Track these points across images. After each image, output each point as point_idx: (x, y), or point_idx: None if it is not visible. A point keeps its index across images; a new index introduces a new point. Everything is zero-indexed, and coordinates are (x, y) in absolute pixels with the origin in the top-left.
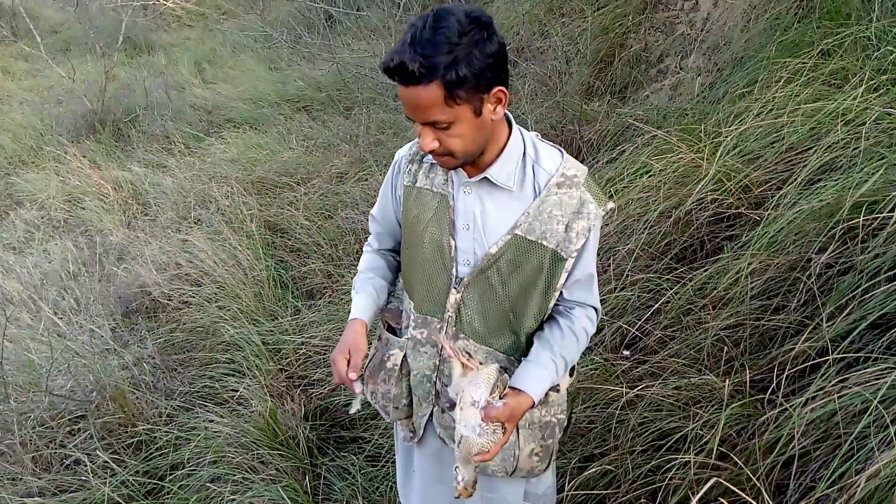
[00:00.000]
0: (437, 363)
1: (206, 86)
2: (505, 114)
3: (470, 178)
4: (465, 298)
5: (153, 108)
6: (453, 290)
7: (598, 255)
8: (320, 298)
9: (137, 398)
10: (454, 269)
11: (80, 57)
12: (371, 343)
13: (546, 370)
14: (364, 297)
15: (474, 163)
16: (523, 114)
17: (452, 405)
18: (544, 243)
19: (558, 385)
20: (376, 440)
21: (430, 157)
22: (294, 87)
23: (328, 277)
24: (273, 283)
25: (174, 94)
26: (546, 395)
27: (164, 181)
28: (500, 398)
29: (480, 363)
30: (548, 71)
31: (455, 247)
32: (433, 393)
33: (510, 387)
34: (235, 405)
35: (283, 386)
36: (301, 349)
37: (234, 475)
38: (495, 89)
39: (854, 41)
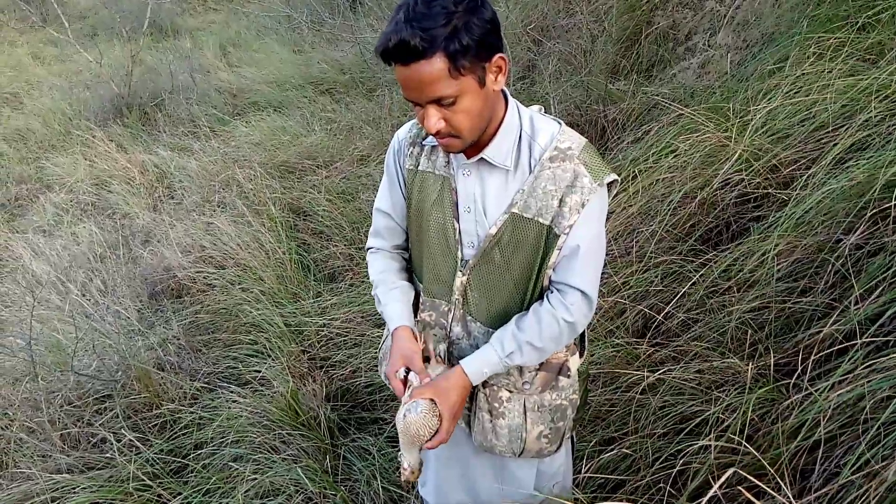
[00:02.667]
0: (448, 346)
1: (230, 69)
2: (502, 90)
3: (468, 159)
4: (472, 280)
5: (179, 92)
6: (459, 273)
7: (622, 236)
8: (342, 281)
9: (162, 378)
10: (459, 252)
11: (107, 42)
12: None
13: (490, 349)
14: (395, 305)
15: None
16: (546, 94)
17: None
18: (540, 220)
19: (569, 369)
20: None
21: (430, 139)
22: (317, 69)
23: (350, 260)
24: (295, 266)
25: (199, 78)
26: (556, 380)
27: (189, 164)
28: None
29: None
30: (572, 50)
31: (459, 229)
32: None
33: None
34: (258, 386)
35: (305, 367)
36: (323, 331)
37: (256, 455)
38: (496, 57)
39: (892, 15)
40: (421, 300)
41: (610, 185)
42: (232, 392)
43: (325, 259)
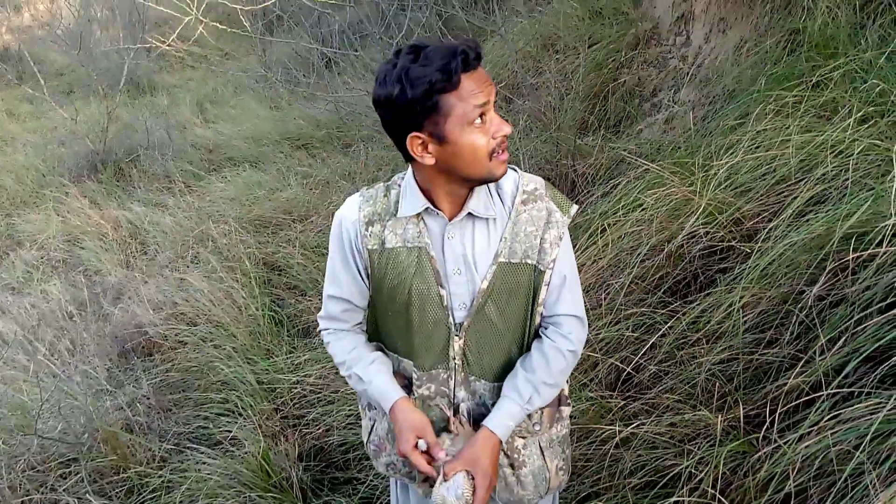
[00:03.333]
0: (454, 412)
1: (207, 125)
2: None
3: (451, 220)
4: (469, 341)
5: (154, 148)
6: (455, 338)
7: (592, 289)
8: (316, 336)
9: (130, 440)
10: (451, 318)
11: (83, 98)
12: (365, 415)
13: (509, 401)
14: (381, 378)
15: (453, 201)
16: (517, 149)
17: None
18: (528, 262)
19: (567, 396)
20: (370, 481)
21: (401, 211)
22: (294, 125)
23: None
24: (268, 321)
25: (176, 134)
26: (559, 411)
27: (163, 220)
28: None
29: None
30: (542, 107)
31: (447, 294)
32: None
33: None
34: (229, 446)
35: (278, 426)
36: (296, 388)
37: None
38: None
39: (843, 74)
40: (415, 377)
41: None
42: (202, 453)
43: (298, 314)
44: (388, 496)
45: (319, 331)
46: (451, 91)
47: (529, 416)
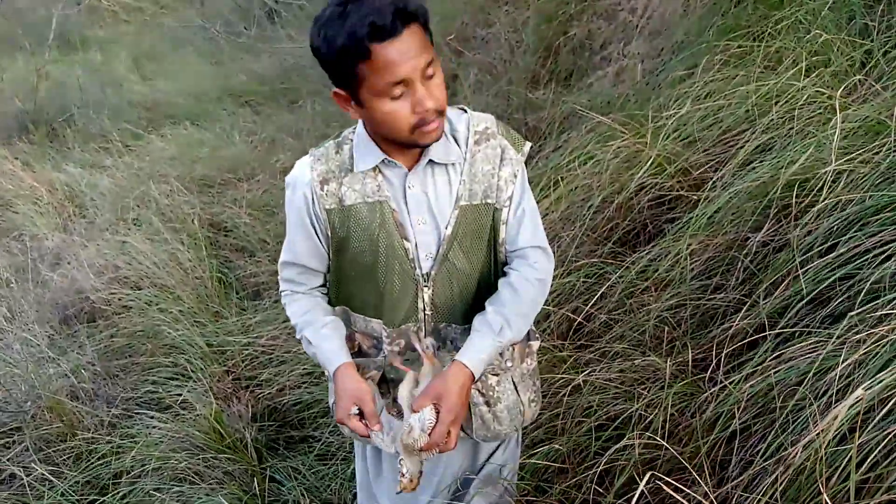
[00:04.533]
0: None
1: (144, 82)
2: None
3: (410, 169)
4: (437, 289)
5: (89, 107)
6: (424, 290)
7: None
8: (266, 298)
9: (76, 407)
10: (418, 269)
11: (9, 55)
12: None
13: (480, 335)
14: (328, 343)
15: (410, 150)
16: (468, 103)
17: None
18: (487, 201)
19: (535, 331)
20: (326, 438)
21: (358, 166)
22: (237, 81)
23: (274, 276)
24: (217, 284)
25: (111, 92)
26: (528, 345)
27: (101, 182)
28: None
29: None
30: (493, 60)
31: (412, 246)
32: None
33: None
34: (180, 410)
35: (230, 388)
36: (247, 350)
37: (179, 482)
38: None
39: (788, 25)
40: (384, 335)
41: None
42: (152, 418)
43: (248, 276)
44: (345, 452)
45: (280, 292)
46: (363, 60)
47: (501, 353)
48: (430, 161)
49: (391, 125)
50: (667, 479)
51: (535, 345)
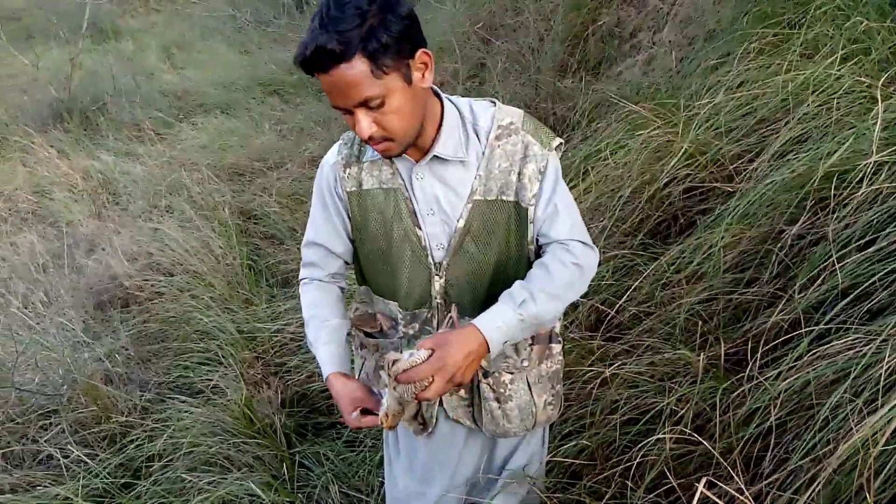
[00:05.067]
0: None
1: (175, 71)
2: (432, 88)
3: (418, 162)
4: (450, 279)
5: (121, 95)
6: (436, 278)
7: None
8: (295, 285)
9: (110, 391)
10: (429, 258)
11: (43, 44)
12: (352, 352)
13: (501, 304)
14: (324, 349)
15: (416, 145)
16: (496, 92)
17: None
18: (503, 198)
19: (557, 334)
20: None
21: (370, 153)
22: (265, 70)
23: None
24: (247, 271)
25: (143, 81)
26: (549, 348)
27: (134, 169)
28: None
29: None
30: (521, 48)
31: (424, 235)
32: None
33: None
34: (211, 395)
35: (259, 374)
36: (276, 336)
37: (210, 467)
38: (419, 52)
39: (826, 11)
40: (400, 317)
41: (557, 148)
42: (183, 402)
43: (277, 263)
44: (372, 439)
45: (300, 280)
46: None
47: (517, 351)
48: (437, 156)
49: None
50: (701, 471)
51: (556, 348)
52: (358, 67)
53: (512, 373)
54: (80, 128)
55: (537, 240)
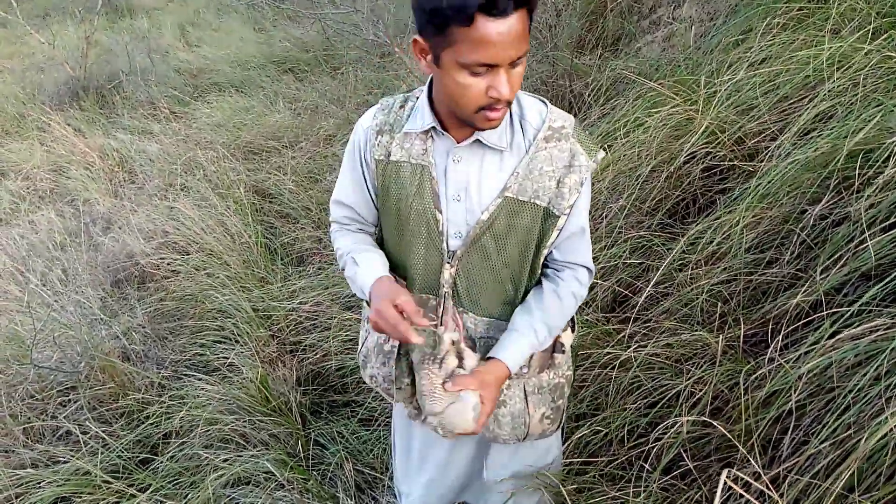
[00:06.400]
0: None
1: (190, 49)
2: None
3: (459, 142)
4: (461, 271)
5: (137, 74)
6: (447, 266)
7: (590, 212)
8: (310, 264)
9: (127, 368)
10: (444, 244)
11: (59, 22)
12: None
13: (525, 338)
14: (373, 259)
15: (463, 123)
16: None
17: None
18: (537, 202)
19: (563, 345)
20: (369, 403)
21: (410, 124)
22: (279, 48)
23: (318, 242)
24: (262, 250)
25: (158, 59)
26: (552, 357)
27: (149, 148)
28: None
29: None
30: (538, 24)
31: (444, 220)
32: None
33: (488, 357)
34: (227, 372)
35: (275, 352)
36: (291, 315)
37: (226, 443)
38: None
39: None
40: None
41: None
42: (200, 380)
43: (292, 242)
44: (386, 417)
45: (329, 226)
46: (461, 26)
47: None
48: (479, 141)
49: (459, 98)
50: (718, 453)
51: (560, 358)
52: (522, 20)
53: (510, 378)
54: (96, 106)
55: (550, 250)
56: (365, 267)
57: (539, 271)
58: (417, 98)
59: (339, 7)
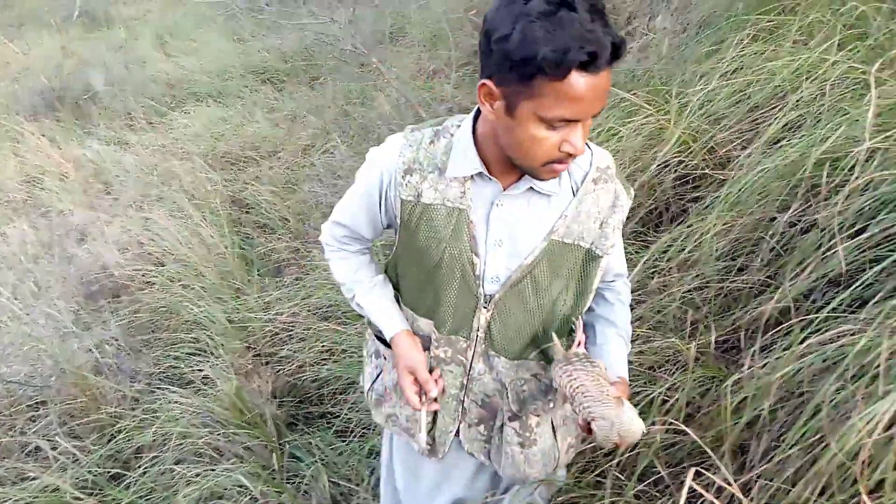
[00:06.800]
0: (465, 381)
1: (168, 59)
2: None
3: (506, 187)
4: (497, 316)
5: (114, 84)
6: (483, 310)
7: None
8: (287, 274)
9: (99, 382)
10: (480, 289)
11: (35, 32)
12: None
13: (623, 351)
14: (386, 304)
15: (513, 168)
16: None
17: (481, 420)
18: (581, 244)
19: None
20: (345, 414)
21: (450, 169)
22: (258, 58)
23: (295, 253)
24: (238, 260)
25: (135, 69)
26: None
27: (125, 158)
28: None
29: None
30: None
31: (482, 264)
32: (460, 410)
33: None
34: (201, 385)
35: (250, 364)
36: (268, 327)
37: (200, 457)
38: None
39: None
40: (434, 338)
41: None
42: (174, 393)
43: (268, 253)
44: (362, 429)
45: (324, 244)
46: (553, 80)
47: (545, 392)
48: (531, 188)
49: (528, 150)
50: (689, 461)
51: None
52: (610, 74)
53: (539, 415)
54: (71, 116)
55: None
56: (376, 316)
57: (580, 315)
58: (452, 134)
59: (318, 18)
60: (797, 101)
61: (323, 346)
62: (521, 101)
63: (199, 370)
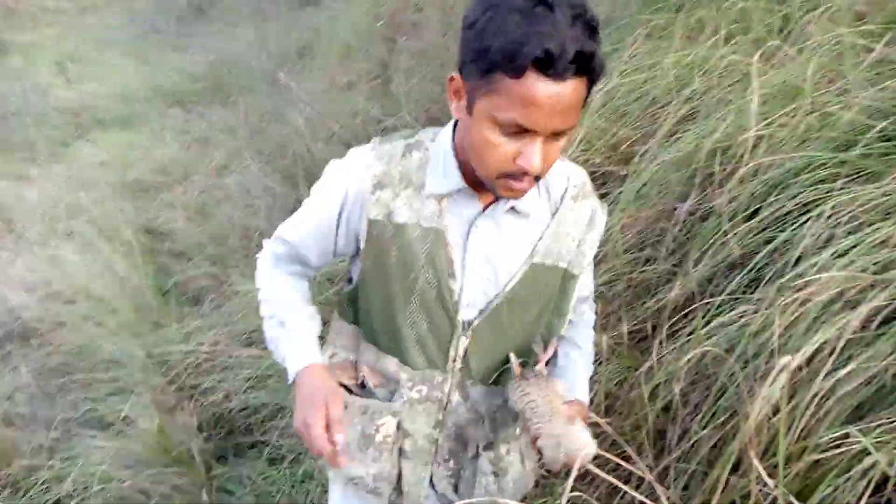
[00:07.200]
0: (441, 417)
1: (70, 86)
2: None
3: (486, 207)
4: (475, 343)
5: (13, 115)
6: (462, 339)
7: None
8: (206, 302)
9: (11, 434)
10: (458, 316)
11: None
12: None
13: (584, 372)
14: (304, 333)
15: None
16: (407, 91)
17: (451, 454)
18: (560, 264)
19: None
20: (275, 441)
21: (429, 185)
22: (166, 80)
23: (213, 279)
24: (154, 292)
25: (35, 98)
26: None
27: (28, 193)
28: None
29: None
30: (424, 45)
31: (459, 289)
32: (433, 451)
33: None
34: (122, 426)
35: (173, 399)
36: (189, 357)
37: (125, 500)
38: None
39: None
40: (405, 378)
41: None
42: (93, 437)
43: (186, 281)
44: (294, 454)
45: (257, 256)
46: (510, 77)
47: (516, 418)
48: (512, 208)
49: (481, 155)
50: (610, 452)
51: None
52: (580, 91)
53: (508, 443)
54: None
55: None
56: (298, 338)
57: (555, 336)
58: (427, 148)
59: (226, 35)
60: (691, 94)
61: (248, 373)
62: (478, 98)
63: (119, 410)
